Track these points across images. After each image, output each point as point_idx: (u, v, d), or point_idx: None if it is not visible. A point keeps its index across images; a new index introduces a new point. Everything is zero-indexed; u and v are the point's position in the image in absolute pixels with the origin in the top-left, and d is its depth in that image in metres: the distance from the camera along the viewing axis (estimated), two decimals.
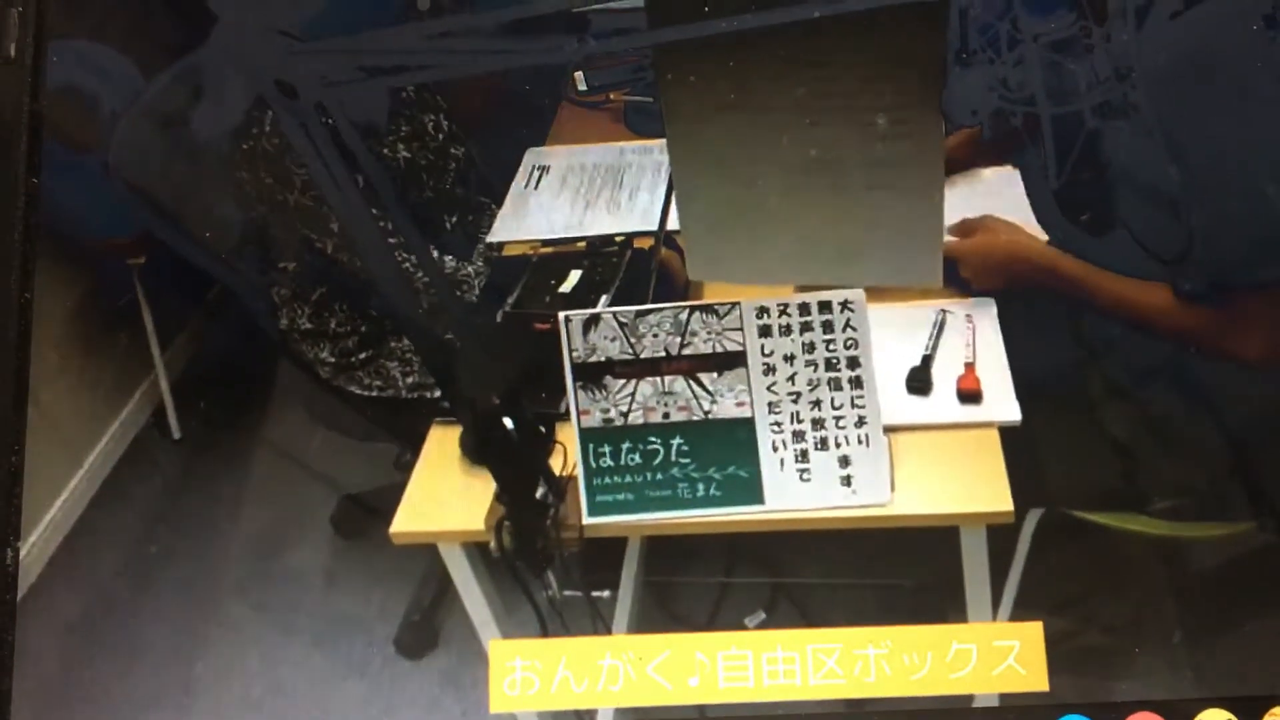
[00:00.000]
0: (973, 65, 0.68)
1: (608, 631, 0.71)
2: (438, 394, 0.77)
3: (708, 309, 0.68)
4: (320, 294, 0.78)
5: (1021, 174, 0.72)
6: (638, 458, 0.69)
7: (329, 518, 0.76)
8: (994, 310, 0.75)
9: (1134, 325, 0.72)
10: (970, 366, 0.73)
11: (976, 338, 0.74)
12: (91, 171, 0.73)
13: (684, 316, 0.69)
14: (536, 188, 0.83)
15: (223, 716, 0.71)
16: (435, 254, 0.79)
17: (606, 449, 0.69)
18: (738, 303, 0.68)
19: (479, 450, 0.73)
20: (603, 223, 0.81)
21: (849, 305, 0.68)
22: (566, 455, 0.71)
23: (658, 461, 0.69)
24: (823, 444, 0.69)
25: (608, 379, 0.69)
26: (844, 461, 0.69)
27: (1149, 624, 0.68)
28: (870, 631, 0.63)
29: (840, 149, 0.69)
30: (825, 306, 0.68)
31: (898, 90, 0.67)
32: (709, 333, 0.69)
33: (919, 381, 0.73)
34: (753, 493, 0.69)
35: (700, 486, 0.69)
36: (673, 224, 0.76)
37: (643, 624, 0.72)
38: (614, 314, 0.69)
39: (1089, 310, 0.73)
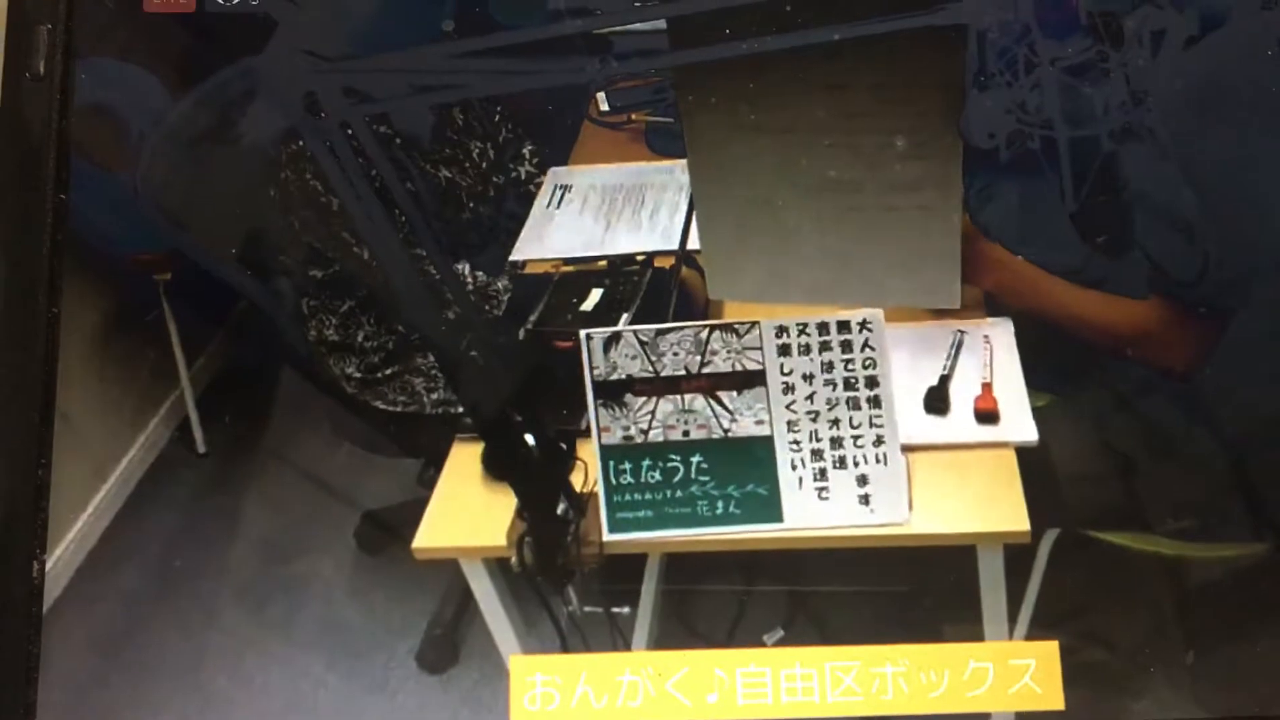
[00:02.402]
0: (990, 88, 0.69)
1: (627, 648, 0.71)
2: (461, 410, 0.77)
3: (727, 328, 0.69)
4: (349, 306, 0.79)
5: (1039, 196, 0.73)
6: (658, 475, 0.70)
7: (352, 533, 0.77)
8: (1011, 330, 0.75)
9: (1074, 330, 0.73)
10: (987, 387, 0.74)
11: (994, 358, 0.75)
12: (119, 188, 0.73)
13: (704, 335, 0.69)
14: (559, 207, 0.83)
15: None
16: (467, 268, 0.79)
17: (627, 466, 0.70)
18: (757, 322, 0.69)
19: (501, 467, 0.73)
20: (624, 242, 0.81)
21: (867, 325, 0.69)
22: (587, 472, 0.71)
23: (677, 479, 0.70)
24: (841, 463, 0.69)
25: (628, 397, 0.70)
26: (862, 480, 0.69)
27: (1165, 644, 0.68)
28: (888, 649, 0.63)
29: (859, 170, 0.70)
30: (844, 326, 0.69)
31: (917, 112, 0.68)
32: (729, 351, 0.69)
33: (937, 401, 0.74)
34: (771, 511, 0.69)
35: (719, 504, 0.70)
36: (693, 244, 0.77)
37: (662, 640, 0.73)
38: (635, 332, 0.70)
39: (1034, 311, 0.73)
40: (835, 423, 0.69)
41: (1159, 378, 0.73)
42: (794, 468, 0.69)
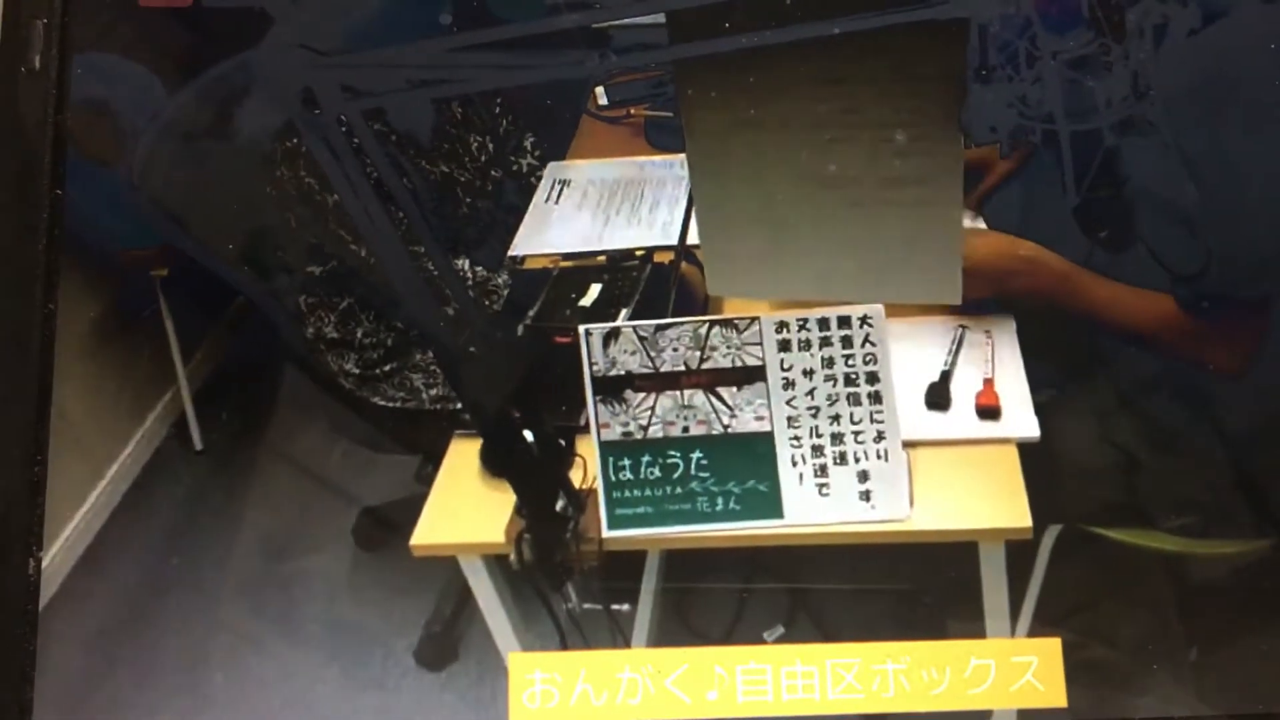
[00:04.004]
0: (992, 82, 0.68)
1: (627, 645, 0.71)
2: (459, 406, 0.77)
3: (727, 323, 0.69)
4: (348, 303, 0.79)
5: (1040, 191, 0.72)
6: (657, 471, 0.69)
7: (350, 529, 0.76)
8: (1013, 326, 0.75)
9: (1117, 330, 0.73)
10: (989, 382, 0.73)
11: (995, 354, 0.74)
12: (115, 183, 0.73)
13: (704, 331, 0.69)
14: (557, 202, 0.83)
15: None
16: (466, 264, 0.79)
17: (626, 462, 0.70)
18: (757, 317, 0.69)
19: (499, 463, 0.73)
20: (623, 237, 0.81)
21: (868, 320, 0.68)
22: (586, 468, 0.71)
23: (677, 475, 0.69)
24: (842, 459, 0.69)
25: (627, 393, 0.69)
26: (863, 476, 0.69)
27: (1167, 640, 0.68)
28: (889, 646, 0.63)
29: (859, 165, 0.69)
30: (844, 322, 0.69)
31: (917, 107, 0.67)
32: (728, 347, 0.69)
33: (938, 397, 0.73)
34: (772, 507, 0.69)
35: (719, 501, 0.69)
36: (693, 238, 0.76)
37: (662, 637, 0.72)
38: (634, 328, 0.69)
39: (1076, 312, 0.73)
40: (836, 418, 0.69)
41: (1166, 374, 0.73)
42: (794, 464, 0.69)
